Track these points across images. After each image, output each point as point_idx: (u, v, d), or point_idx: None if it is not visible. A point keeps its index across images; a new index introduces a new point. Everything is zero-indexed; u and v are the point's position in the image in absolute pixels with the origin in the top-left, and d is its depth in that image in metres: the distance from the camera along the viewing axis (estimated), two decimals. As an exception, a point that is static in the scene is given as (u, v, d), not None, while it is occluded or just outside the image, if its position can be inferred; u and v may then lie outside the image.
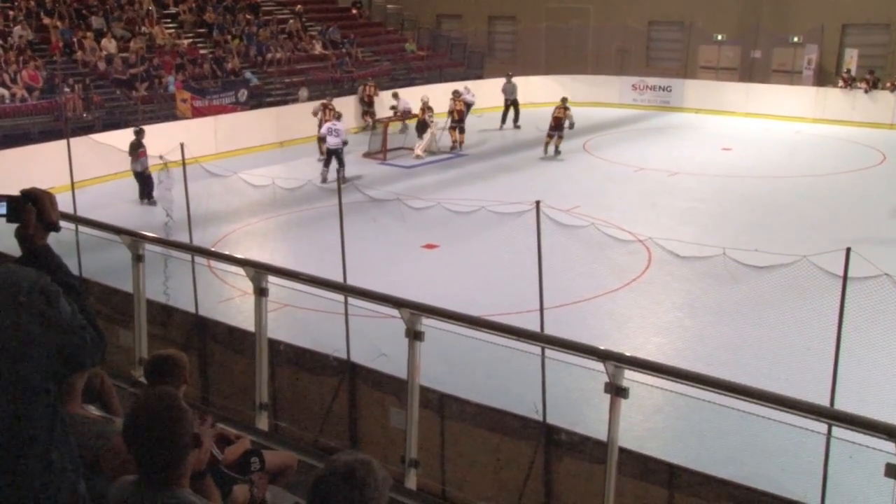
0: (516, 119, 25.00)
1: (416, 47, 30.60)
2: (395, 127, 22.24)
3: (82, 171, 14.93)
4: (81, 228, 9.50)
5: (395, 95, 23.10)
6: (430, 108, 21.29)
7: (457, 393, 7.05)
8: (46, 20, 22.49)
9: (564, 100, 21.63)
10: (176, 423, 2.39)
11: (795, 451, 6.70)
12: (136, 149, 16.52)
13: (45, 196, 2.37)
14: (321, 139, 17.96)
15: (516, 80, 25.45)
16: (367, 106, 23.83)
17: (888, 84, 25.15)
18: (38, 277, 2.11)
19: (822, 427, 5.49)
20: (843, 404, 5.52)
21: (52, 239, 2.52)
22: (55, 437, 2.11)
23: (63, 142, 14.35)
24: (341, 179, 13.86)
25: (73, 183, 11.83)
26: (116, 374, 5.61)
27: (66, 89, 19.45)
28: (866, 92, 25.09)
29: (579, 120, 25.58)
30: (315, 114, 21.24)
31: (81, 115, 19.48)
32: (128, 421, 2.43)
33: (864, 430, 4.23)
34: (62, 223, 2.49)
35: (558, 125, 21.06)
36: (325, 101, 20.97)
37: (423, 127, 21.17)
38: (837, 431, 5.46)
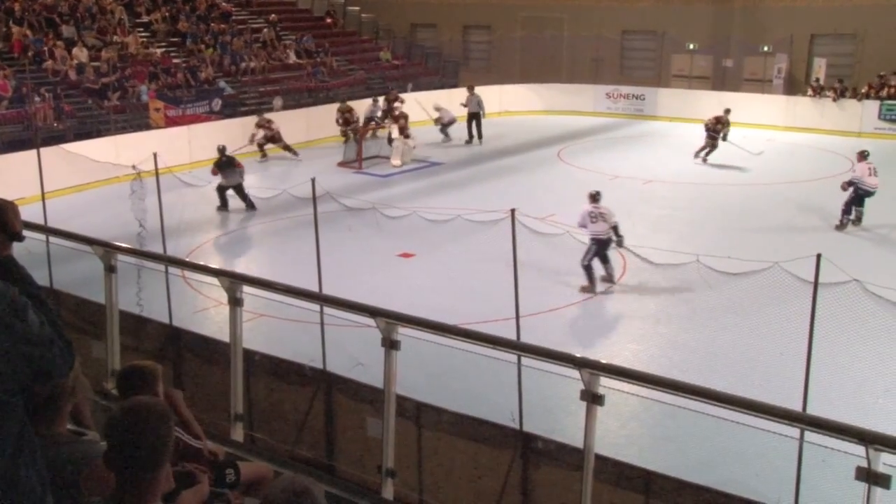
0: (479, 134, 24.01)
1: (390, 56, 30.63)
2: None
3: (53, 181, 14.78)
4: (52, 239, 9.39)
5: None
6: (404, 115, 21.28)
7: (433, 402, 7.04)
8: (16, 29, 22.23)
9: (728, 111, 21.57)
10: (160, 425, 2.40)
11: (769, 456, 6.77)
12: (233, 163, 16.59)
13: (7, 206, 2.34)
14: (582, 226, 12.42)
15: (489, 89, 25.33)
16: (345, 125, 23.16)
17: (856, 92, 25.56)
18: (6, 289, 2.08)
19: (795, 432, 5.56)
20: (815, 409, 5.58)
21: (23, 249, 2.49)
22: (23, 452, 2.08)
23: (33, 152, 14.18)
24: (610, 278, 12.30)
25: (43, 193, 11.70)
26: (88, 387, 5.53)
27: (37, 98, 19.23)
28: (834, 100, 25.50)
29: (552, 128, 25.74)
30: (257, 130, 21.19)
31: (52, 125, 19.27)
32: (112, 419, 2.43)
33: (835, 434, 4.28)
34: (31, 234, 2.46)
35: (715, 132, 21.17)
36: (264, 116, 21.36)
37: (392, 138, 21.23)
38: (810, 436, 5.51)
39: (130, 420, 2.40)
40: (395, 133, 21.11)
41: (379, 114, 22.89)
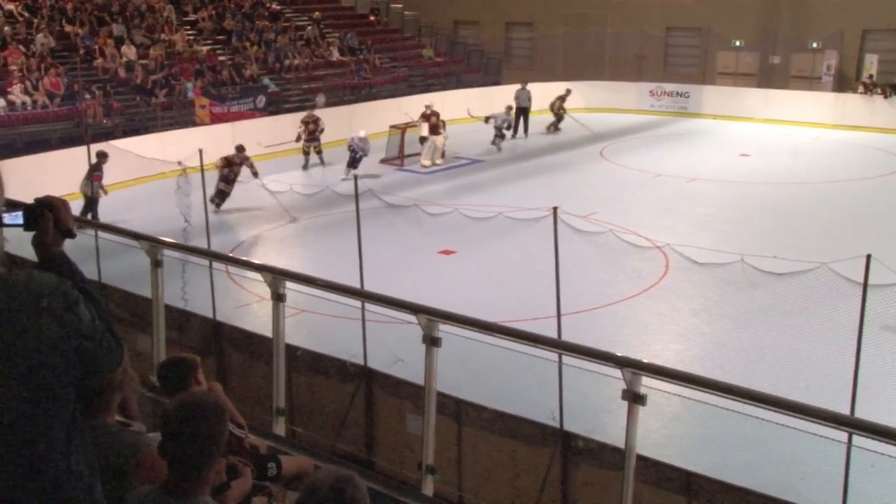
0: (526, 128, 24.28)
1: (433, 53, 30.67)
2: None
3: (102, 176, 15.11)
4: (100, 234, 9.59)
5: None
6: (435, 114, 21.17)
7: (474, 399, 7.04)
8: (68, 28, 22.74)
9: None
10: (215, 420, 2.49)
11: (815, 460, 6.64)
12: (92, 171, 14.99)
13: (59, 203, 2.38)
14: None
15: (532, 86, 25.21)
16: (309, 138, 20.81)
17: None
18: (60, 283, 2.13)
19: (842, 435, 5.44)
20: (864, 412, 5.46)
21: (73, 244, 2.54)
22: (74, 442, 2.13)
23: (83, 148, 14.50)
24: None
25: (93, 188, 11.93)
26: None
27: (87, 96, 19.64)
28: (886, 97, 24.88)
29: (595, 126, 25.50)
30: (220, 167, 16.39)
31: (101, 122, 19.67)
32: (169, 412, 2.51)
33: (885, 438, 4.18)
34: (79, 229, 2.51)
35: None
36: (232, 156, 16.48)
37: (424, 137, 21.18)
38: (858, 440, 5.40)
39: (187, 413, 2.48)
40: (425, 132, 21.04)
41: (507, 121, 22.49)
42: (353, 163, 18.74)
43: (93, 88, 20.25)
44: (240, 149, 16.65)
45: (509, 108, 23.14)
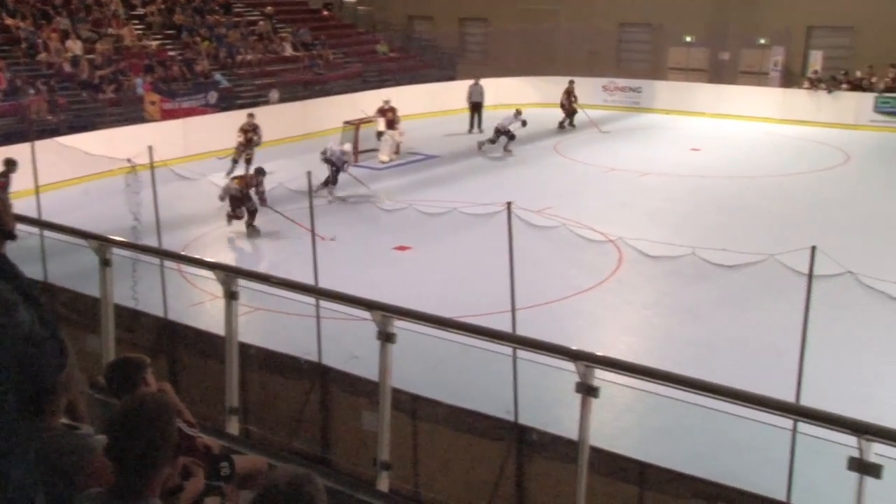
0: (480, 124, 24.25)
1: (387, 49, 30.56)
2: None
3: (47, 174, 14.70)
4: (47, 233, 9.38)
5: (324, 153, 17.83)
6: (392, 109, 21.08)
7: (429, 394, 7.06)
8: (9, 20, 22.15)
9: None
10: (166, 424, 2.45)
11: (762, 447, 6.80)
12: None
13: (0, 204, 2.33)
14: None
15: (486, 82, 25.24)
16: (247, 145, 19.34)
17: (852, 84, 25.63)
18: (-4, 287, 2.08)
19: (788, 423, 5.58)
20: (809, 400, 5.60)
21: (17, 244, 2.49)
22: (14, 450, 2.07)
23: (27, 145, 14.11)
24: None
25: (37, 187, 11.66)
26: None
27: (31, 91, 19.16)
28: (829, 92, 25.52)
29: (549, 121, 25.68)
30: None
31: (46, 118, 19.20)
32: (116, 414, 2.46)
33: (828, 425, 4.30)
34: (26, 228, 2.46)
35: None
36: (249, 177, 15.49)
37: (381, 132, 21.10)
38: (803, 427, 5.54)
39: (132, 415, 2.43)
40: (382, 127, 20.97)
41: (516, 124, 21.52)
42: (334, 178, 17.31)
43: (37, 84, 19.76)
44: (260, 171, 15.75)
45: (518, 112, 21.95)
